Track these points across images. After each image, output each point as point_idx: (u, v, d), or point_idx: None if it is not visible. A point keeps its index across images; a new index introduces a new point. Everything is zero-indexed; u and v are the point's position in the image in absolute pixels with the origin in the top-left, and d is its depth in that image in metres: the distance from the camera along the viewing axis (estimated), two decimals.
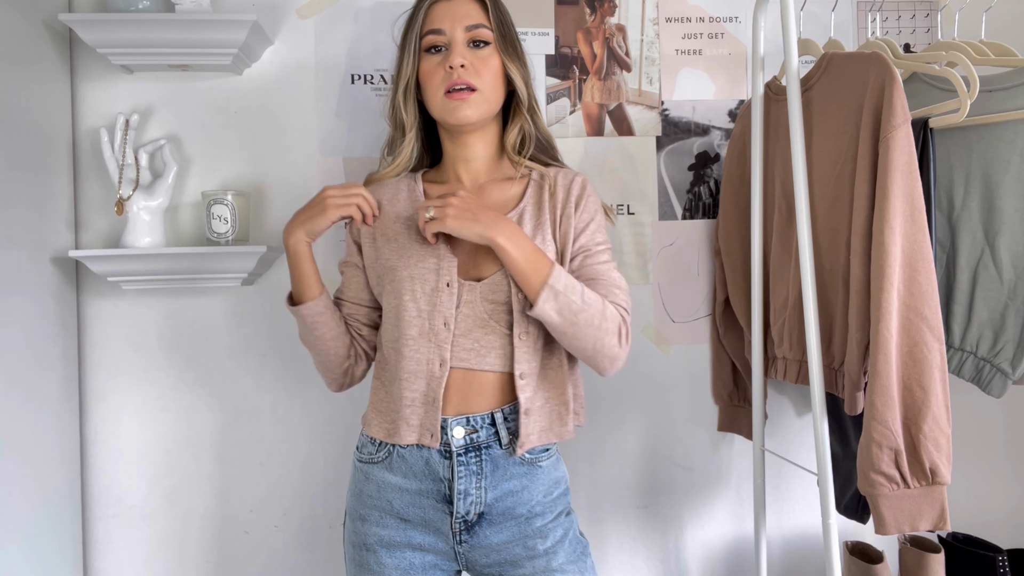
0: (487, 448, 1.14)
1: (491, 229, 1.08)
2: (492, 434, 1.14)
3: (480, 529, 1.15)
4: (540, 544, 1.15)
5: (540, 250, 1.11)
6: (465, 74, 1.15)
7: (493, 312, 1.14)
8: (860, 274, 1.23)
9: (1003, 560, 1.54)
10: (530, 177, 1.24)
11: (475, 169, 1.24)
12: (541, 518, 1.17)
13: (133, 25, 1.40)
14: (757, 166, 1.48)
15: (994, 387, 1.37)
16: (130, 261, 1.43)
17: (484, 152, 1.24)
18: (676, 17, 1.69)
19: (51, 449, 1.43)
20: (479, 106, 1.17)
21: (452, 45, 1.17)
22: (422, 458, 1.14)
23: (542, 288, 1.08)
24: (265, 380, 1.60)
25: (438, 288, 1.14)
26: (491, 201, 1.21)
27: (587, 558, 1.19)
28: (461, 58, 1.15)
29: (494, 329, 1.14)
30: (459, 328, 1.14)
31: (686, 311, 1.69)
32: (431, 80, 1.18)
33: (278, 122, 1.59)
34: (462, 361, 1.14)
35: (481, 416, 1.14)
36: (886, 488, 1.16)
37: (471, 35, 1.17)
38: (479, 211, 1.10)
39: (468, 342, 1.14)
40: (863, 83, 1.22)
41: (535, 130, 1.25)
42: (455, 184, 1.23)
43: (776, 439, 1.69)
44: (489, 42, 1.18)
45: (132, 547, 1.57)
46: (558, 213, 1.20)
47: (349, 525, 1.21)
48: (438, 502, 1.14)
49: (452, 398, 1.14)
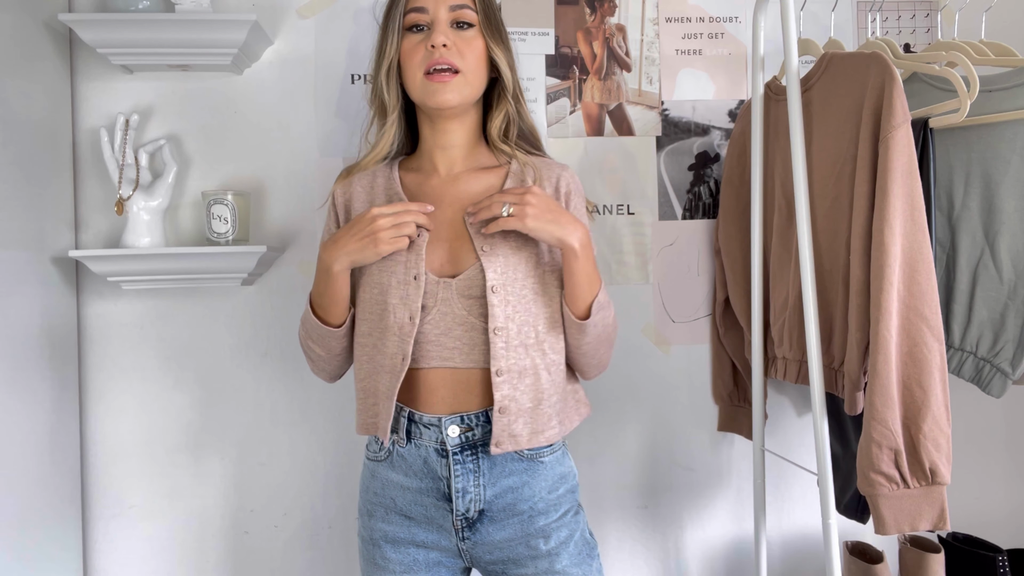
0: (483, 446, 1.13)
1: (570, 235, 1.08)
2: (488, 431, 1.12)
3: (482, 526, 1.14)
4: (543, 544, 1.14)
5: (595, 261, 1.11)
6: (448, 54, 1.12)
7: (471, 308, 1.12)
8: (860, 274, 1.23)
9: (1003, 560, 1.54)
10: (509, 167, 1.21)
11: (451, 157, 1.21)
12: (544, 516, 1.15)
13: (133, 25, 1.40)
14: (757, 166, 1.48)
15: (994, 387, 1.37)
16: (130, 261, 1.43)
17: (462, 139, 1.21)
18: (676, 17, 1.69)
19: (51, 449, 1.43)
20: (461, 90, 1.14)
21: (435, 24, 1.14)
22: (420, 457, 1.14)
23: (592, 301, 1.09)
24: (265, 380, 1.60)
25: (405, 281, 1.12)
26: (466, 193, 1.18)
27: (594, 560, 1.18)
28: (444, 37, 1.12)
29: (474, 325, 1.12)
30: (438, 327, 1.12)
31: (686, 311, 1.69)
32: (411, 59, 1.15)
33: (278, 122, 1.59)
34: (446, 360, 1.12)
35: (475, 414, 1.12)
36: (886, 488, 1.16)
37: (455, 15, 1.15)
38: (558, 213, 1.09)
39: (450, 341, 1.12)
40: (863, 83, 1.22)
41: (519, 118, 1.23)
42: (516, 188, 1.11)
43: (776, 439, 1.69)
44: (473, 24, 1.16)
45: (132, 547, 1.57)
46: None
47: (360, 521, 1.21)
48: (438, 500, 1.14)
49: (444, 397, 1.13)
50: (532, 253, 1.15)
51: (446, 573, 1.18)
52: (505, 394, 1.11)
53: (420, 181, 1.21)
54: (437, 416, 1.12)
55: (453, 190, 1.19)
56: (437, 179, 1.21)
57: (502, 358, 1.11)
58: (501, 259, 1.12)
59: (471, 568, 1.22)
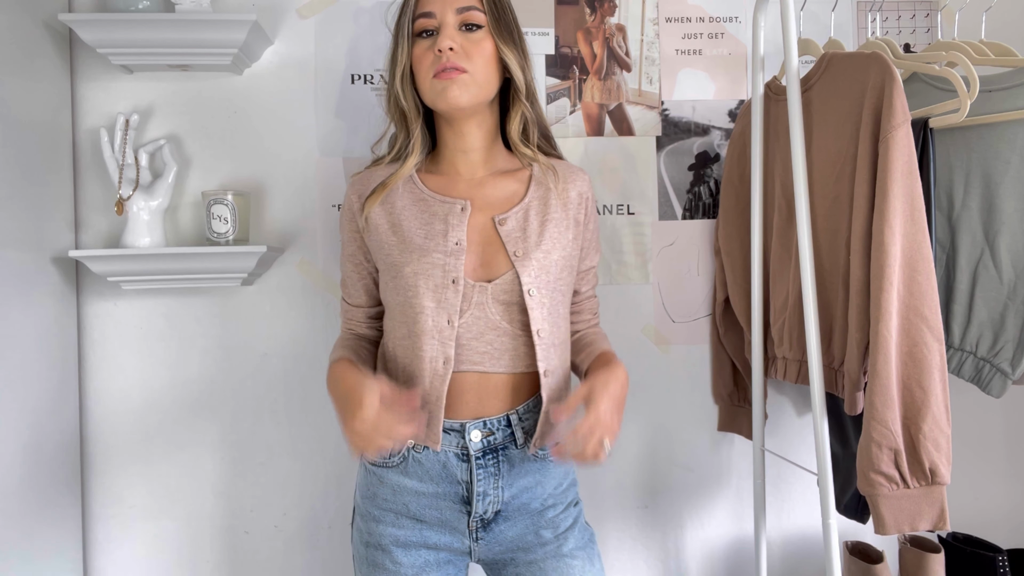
0: (503, 449, 1.15)
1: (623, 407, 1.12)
2: (508, 435, 1.15)
3: (496, 526, 1.16)
4: (551, 532, 1.17)
5: (617, 373, 1.12)
6: (454, 57, 1.12)
7: (505, 313, 1.13)
8: (860, 274, 1.23)
9: (1003, 560, 1.54)
10: (531, 171, 1.22)
11: (472, 160, 1.21)
12: (553, 509, 1.19)
13: (133, 25, 1.40)
14: (757, 166, 1.48)
15: (994, 387, 1.37)
16: (130, 261, 1.43)
17: (481, 142, 1.21)
18: (676, 17, 1.69)
19: (51, 449, 1.43)
20: (468, 87, 1.13)
21: (442, 28, 1.14)
22: (439, 462, 1.13)
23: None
24: (265, 380, 1.60)
25: (444, 284, 1.12)
26: (492, 198, 1.19)
27: (594, 545, 1.21)
28: (450, 41, 1.12)
29: (507, 331, 1.13)
30: (471, 331, 1.12)
31: (686, 311, 1.69)
32: (421, 64, 1.15)
33: (278, 122, 1.59)
34: (476, 364, 1.13)
35: (497, 419, 1.14)
36: (886, 488, 1.16)
37: (462, 18, 1.15)
38: (619, 411, 1.10)
39: (481, 345, 1.13)
40: (863, 83, 1.22)
41: (536, 119, 1.23)
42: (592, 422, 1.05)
43: (776, 439, 1.69)
44: (482, 25, 1.15)
45: (132, 547, 1.57)
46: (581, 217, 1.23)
47: (361, 525, 1.19)
48: (455, 503, 1.14)
49: (469, 401, 1.14)
50: (560, 257, 1.18)
51: (453, 570, 1.19)
52: (550, 394, 1.14)
53: (444, 185, 1.21)
54: (460, 421, 1.13)
55: (479, 194, 1.19)
56: (461, 183, 1.21)
57: (545, 359, 1.13)
58: (534, 263, 1.14)
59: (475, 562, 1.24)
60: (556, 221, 1.18)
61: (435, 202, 1.18)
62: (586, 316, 1.33)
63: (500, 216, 1.16)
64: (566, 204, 1.20)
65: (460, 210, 1.16)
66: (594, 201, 1.27)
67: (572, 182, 1.22)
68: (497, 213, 1.17)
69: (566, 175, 1.22)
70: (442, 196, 1.18)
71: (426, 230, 1.15)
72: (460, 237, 1.13)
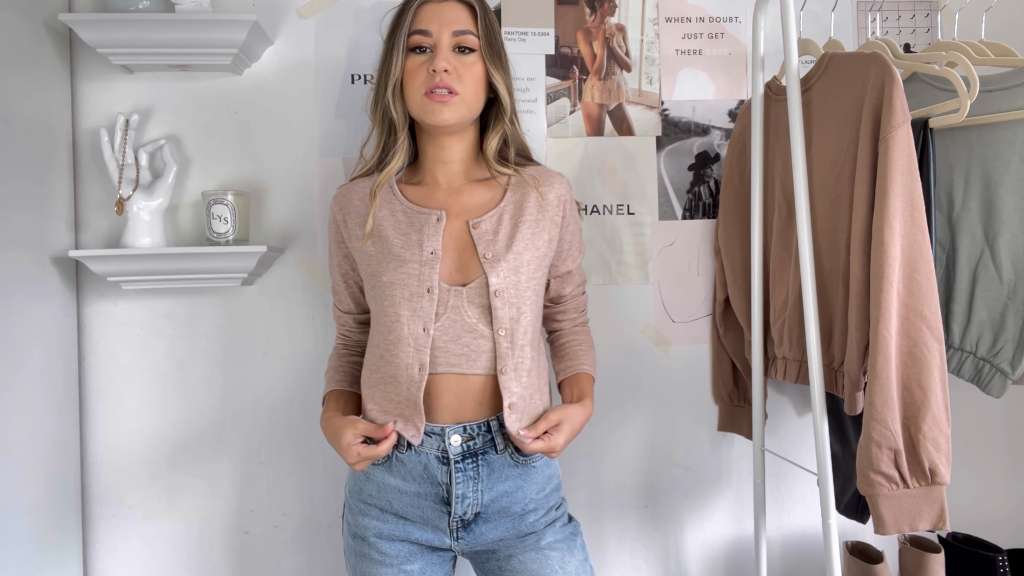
0: (483, 454, 1.17)
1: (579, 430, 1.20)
2: (488, 441, 1.17)
3: (476, 527, 1.18)
4: (531, 532, 1.20)
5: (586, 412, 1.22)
6: (448, 79, 1.16)
7: (481, 315, 1.16)
8: (860, 274, 1.23)
9: (1003, 560, 1.54)
10: (509, 178, 1.26)
11: (452, 171, 1.25)
12: (534, 514, 1.21)
13: (133, 25, 1.40)
14: (757, 166, 1.48)
15: (994, 387, 1.37)
16: (130, 261, 1.43)
17: (462, 154, 1.25)
18: (676, 17, 1.69)
19: (51, 449, 1.43)
20: (458, 109, 1.18)
21: (438, 48, 1.17)
22: (420, 463, 1.16)
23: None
24: (265, 380, 1.60)
25: (419, 293, 1.15)
26: (470, 204, 1.23)
27: (577, 537, 1.23)
28: (445, 63, 1.16)
29: (482, 333, 1.16)
30: (447, 334, 1.15)
31: (686, 311, 1.69)
32: (413, 79, 1.18)
33: (278, 122, 1.59)
34: (453, 367, 1.16)
35: (477, 424, 1.17)
36: (885, 488, 1.16)
37: (458, 40, 1.18)
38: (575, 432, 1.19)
39: (458, 347, 1.16)
40: (863, 83, 1.22)
41: (514, 138, 1.28)
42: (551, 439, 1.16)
43: (776, 439, 1.69)
44: (475, 49, 1.19)
45: (132, 547, 1.57)
46: (559, 219, 1.26)
47: (349, 518, 1.24)
48: (436, 503, 1.17)
49: (448, 404, 1.17)
50: (533, 257, 1.20)
51: (438, 559, 1.22)
52: (512, 391, 1.16)
53: (423, 195, 1.25)
54: (440, 426, 1.16)
55: (456, 202, 1.23)
56: (440, 192, 1.25)
57: (508, 358, 1.16)
58: (504, 265, 1.17)
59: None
60: (531, 223, 1.21)
61: (413, 213, 1.21)
62: (572, 315, 1.37)
63: (475, 220, 1.20)
64: (543, 207, 1.23)
65: (436, 220, 1.19)
66: (573, 204, 1.30)
67: (550, 185, 1.26)
68: (472, 218, 1.21)
69: (544, 179, 1.26)
70: (419, 207, 1.22)
71: (403, 240, 1.19)
72: (435, 247, 1.17)
